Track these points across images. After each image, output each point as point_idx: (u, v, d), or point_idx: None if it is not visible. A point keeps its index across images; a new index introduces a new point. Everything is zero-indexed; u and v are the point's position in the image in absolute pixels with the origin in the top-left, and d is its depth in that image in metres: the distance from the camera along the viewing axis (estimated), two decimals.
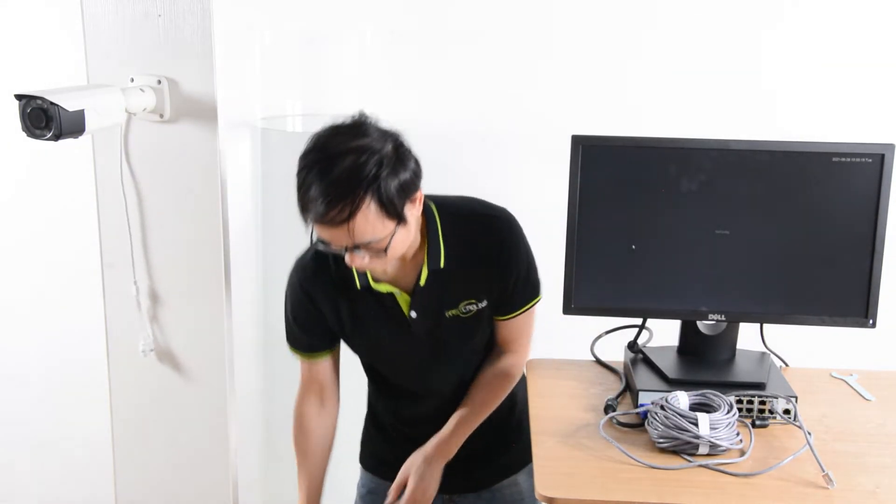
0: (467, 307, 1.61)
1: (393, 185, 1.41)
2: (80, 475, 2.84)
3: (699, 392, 1.46)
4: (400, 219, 1.44)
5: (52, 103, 1.63)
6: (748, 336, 1.67)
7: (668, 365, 1.61)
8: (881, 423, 1.53)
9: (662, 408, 1.41)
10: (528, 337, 1.70)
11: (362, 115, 1.47)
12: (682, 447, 1.38)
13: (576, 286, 1.59)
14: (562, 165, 1.59)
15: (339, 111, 2.24)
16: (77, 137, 1.70)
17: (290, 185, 1.43)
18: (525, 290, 1.63)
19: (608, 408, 1.52)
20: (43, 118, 1.64)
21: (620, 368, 1.72)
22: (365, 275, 1.59)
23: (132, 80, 1.87)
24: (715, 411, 1.41)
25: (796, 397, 1.51)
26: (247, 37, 2.22)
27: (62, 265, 2.69)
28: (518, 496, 1.80)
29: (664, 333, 1.69)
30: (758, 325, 1.67)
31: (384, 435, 1.82)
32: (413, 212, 1.48)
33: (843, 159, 1.52)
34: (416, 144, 1.49)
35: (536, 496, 1.31)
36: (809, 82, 2.38)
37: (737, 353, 1.66)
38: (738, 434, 1.40)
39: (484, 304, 1.61)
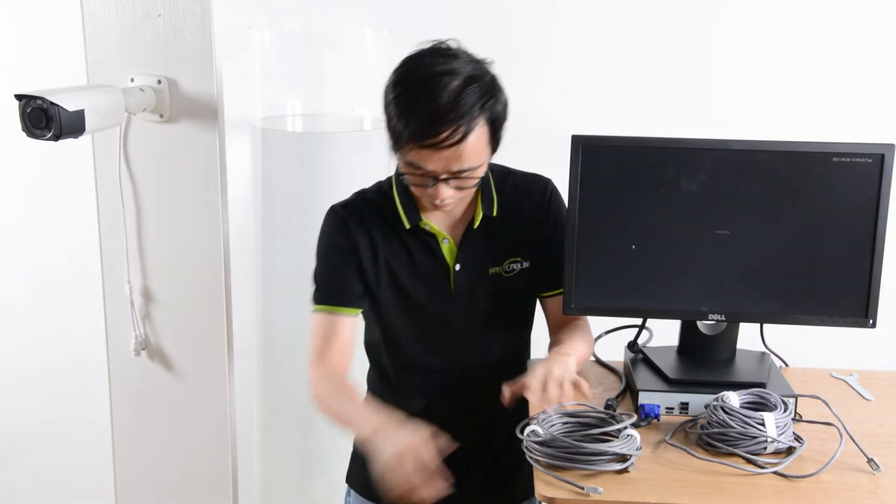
0: (511, 265, 1.59)
1: (499, 108, 1.41)
2: (80, 474, 2.84)
3: (749, 391, 1.46)
4: (495, 147, 1.44)
5: (52, 103, 1.62)
6: (748, 336, 1.67)
7: (668, 365, 1.61)
8: (881, 423, 1.53)
9: (722, 409, 1.41)
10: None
11: (444, 41, 1.44)
12: (747, 449, 1.38)
13: (576, 286, 1.59)
14: (562, 165, 1.59)
15: (339, 111, 2.26)
16: (77, 137, 1.70)
17: (290, 185, 1.43)
18: None
19: (608, 407, 1.52)
20: (43, 118, 1.64)
21: (620, 368, 1.72)
22: (416, 212, 1.55)
23: (132, 80, 1.87)
24: (771, 410, 1.41)
25: (796, 397, 1.52)
26: (247, 37, 2.21)
27: (62, 265, 2.70)
28: None
29: (664, 333, 1.69)
30: (758, 325, 1.67)
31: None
32: (498, 147, 1.47)
33: (843, 159, 1.52)
34: None
35: (536, 496, 1.30)
36: (809, 82, 2.38)
37: (737, 353, 1.66)
38: (794, 433, 1.42)
39: (527, 264, 1.60)
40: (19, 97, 1.65)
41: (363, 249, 1.56)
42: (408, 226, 1.55)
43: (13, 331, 2.81)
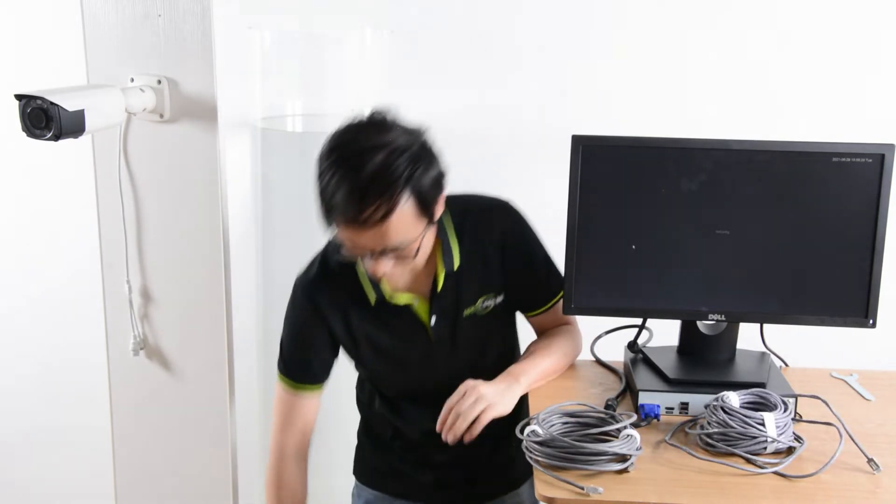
0: (484, 303, 1.59)
1: (428, 181, 1.36)
2: (80, 474, 2.84)
3: (749, 391, 1.46)
4: (431, 218, 1.40)
5: (52, 103, 1.62)
6: (748, 336, 1.67)
7: (668, 365, 1.61)
8: (881, 422, 1.53)
9: (722, 409, 1.41)
10: (568, 317, 1.66)
11: (379, 111, 1.40)
12: (747, 448, 1.37)
13: (576, 286, 1.59)
14: (562, 165, 1.59)
15: (339, 111, 2.25)
16: (77, 137, 1.70)
17: (290, 185, 1.43)
18: (549, 279, 1.63)
19: (608, 407, 1.52)
20: (43, 118, 1.64)
21: (620, 368, 1.72)
22: (379, 288, 1.55)
23: (132, 80, 1.87)
24: (771, 410, 1.41)
25: (796, 397, 1.52)
26: (247, 37, 2.21)
27: (62, 264, 2.69)
28: None
29: (664, 333, 1.69)
30: (758, 325, 1.67)
31: (383, 448, 1.76)
32: (439, 211, 1.43)
33: (843, 159, 1.52)
34: None
35: (536, 496, 1.30)
36: (809, 82, 2.38)
37: (737, 353, 1.66)
38: (793, 433, 1.42)
39: (500, 298, 1.60)
40: (19, 97, 1.65)
41: (335, 323, 1.58)
42: (373, 303, 1.56)
43: (13, 331, 2.81)
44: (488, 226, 1.58)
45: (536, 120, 2.41)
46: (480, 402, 1.43)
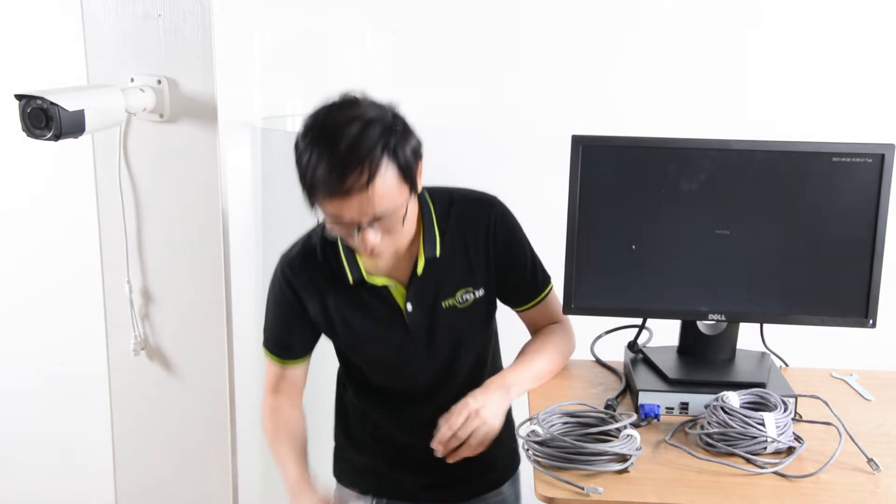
0: (464, 296, 1.59)
1: (406, 148, 1.39)
2: (80, 474, 2.84)
3: (749, 391, 1.46)
4: (413, 185, 1.42)
5: (52, 103, 1.62)
6: (748, 336, 1.67)
7: (668, 365, 1.61)
8: (881, 422, 1.53)
9: (722, 409, 1.41)
10: (560, 314, 1.67)
11: (349, 92, 1.44)
12: (747, 448, 1.37)
13: (576, 286, 1.59)
14: (562, 165, 1.59)
15: None
16: (77, 137, 1.70)
17: (290, 185, 1.43)
18: (535, 275, 1.64)
19: (608, 407, 1.52)
20: (43, 118, 1.64)
21: (620, 368, 1.72)
22: (358, 268, 1.55)
23: (132, 80, 1.87)
24: (771, 410, 1.41)
25: (796, 397, 1.52)
26: (247, 37, 2.21)
27: (62, 264, 2.69)
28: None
29: (664, 333, 1.69)
30: (758, 325, 1.67)
31: (361, 447, 1.75)
32: (420, 182, 1.45)
33: (843, 159, 1.52)
34: None
35: (536, 496, 1.30)
36: (810, 82, 2.37)
37: (737, 353, 1.66)
38: (793, 433, 1.42)
39: (481, 292, 1.60)
40: (19, 97, 1.65)
41: (310, 304, 1.59)
42: (351, 282, 1.56)
43: (13, 330, 2.81)
44: (473, 218, 1.59)
45: (536, 120, 2.41)
46: (483, 427, 1.44)
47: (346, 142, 1.34)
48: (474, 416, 1.44)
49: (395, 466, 1.72)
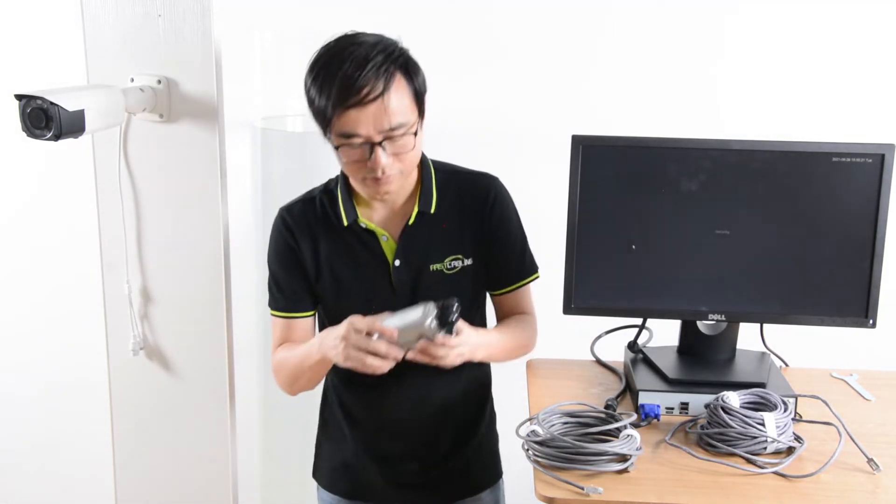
0: (452, 262, 1.58)
1: (413, 68, 1.45)
2: (80, 474, 2.84)
3: (749, 391, 1.46)
4: (421, 109, 1.47)
5: (52, 103, 1.62)
6: (748, 336, 1.67)
7: (668, 365, 1.61)
8: (881, 422, 1.53)
9: (724, 409, 1.41)
10: (532, 308, 1.67)
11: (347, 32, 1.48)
12: (747, 448, 1.37)
13: (576, 286, 1.59)
14: (562, 165, 1.59)
15: None
16: (77, 137, 1.70)
17: (290, 185, 1.43)
18: (523, 260, 1.63)
19: (608, 407, 1.52)
20: (43, 118, 1.64)
21: (620, 368, 1.72)
22: (354, 211, 1.56)
23: (132, 80, 1.87)
24: (771, 410, 1.41)
25: (796, 397, 1.52)
26: (247, 37, 2.21)
27: (62, 264, 2.69)
28: None
29: (664, 333, 1.69)
30: (758, 325, 1.67)
31: (338, 441, 1.71)
32: (424, 121, 1.49)
33: (843, 159, 1.52)
34: None
35: (536, 496, 1.30)
36: (810, 82, 2.38)
37: (737, 353, 1.66)
38: (793, 433, 1.42)
39: (469, 261, 1.59)
40: (19, 97, 1.65)
41: (305, 250, 1.60)
42: (346, 223, 1.57)
43: (13, 330, 2.81)
44: (472, 189, 1.60)
45: (536, 120, 2.41)
46: (443, 360, 1.42)
47: (358, 59, 1.39)
48: (450, 349, 1.42)
49: (368, 460, 1.68)
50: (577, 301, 1.60)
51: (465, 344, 1.43)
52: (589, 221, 1.58)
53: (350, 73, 1.38)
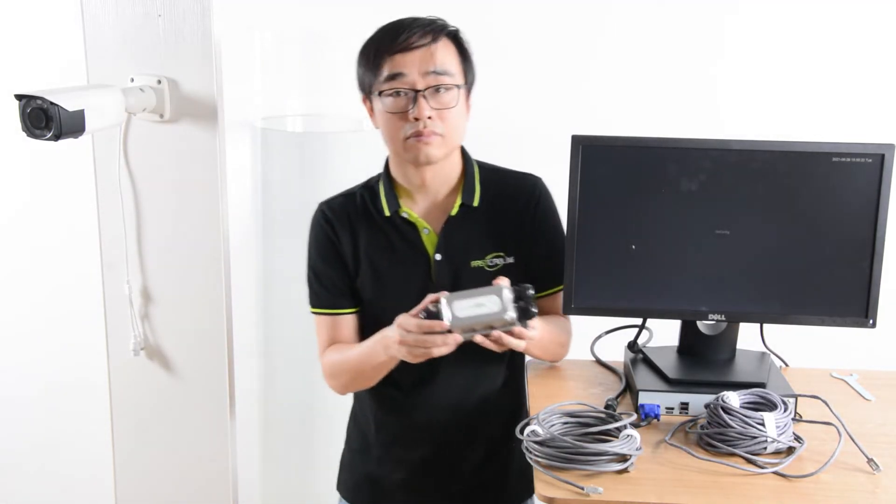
0: (494, 259, 1.58)
1: (461, 40, 1.55)
2: (80, 474, 2.84)
3: (749, 391, 1.46)
4: (468, 79, 1.55)
5: (52, 103, 1.62)
6: (748, 336, 1.67)
7: (668, 365, 1.61)
8: (881, 422, 1.53)
9: (723, 409, 1.41)
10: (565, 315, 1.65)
11: None
12: (747, 448, 1.37)
13: (576, 286, 1.59)
14: (562, 165, 1.59)
15: (339, 111, 2.26)
16: (77, 137, 1.70)
17: (290, 185, 1.43)
18: (562, 261, 1.59)
19: (608, 407, 1.52)
20: (43, 118, 1.64)
21: (620, 368, 1.72)
22: (396, 200, 1.57)
23: (132, 80, 1.87)
24: (771, 410, 1.41)
25: (796, 397, 1.52)
26: (247, 37, 2.21)
27: (62, 264, 2.69)
28: None
29: (664, 333, 1.69)
30: (758, 325, 1.67)
31: (363, 451, 1.71)
32: (469, 103, 1.57)
33: (843, 159, 1.52)
34: None
35: (536, 496, 1.30)
36: (810, 82, 2.38)
37: (737, 353, 1.66)
38: (793, 433, 1.42)
39: (511, 260, 1.59)
40: (19, 97, 1.65)
41: (345, 244, 1.60)
42: (387, 213, 1.57)
43: (13, 330, 2.81)
44: (516, 188, 1.62)
45: (536, 120, 2.41)
46: (508, 345, 1.40)
47: (408, 20, 1.51)
48: (528, 340, 1.40)
49: (392, 468, 1.67)
50: (577, 301, 1.60)
51: (536, 334, 1.43)
52: (589, 221, 1.57)
53: (399, 24, 1.50)
